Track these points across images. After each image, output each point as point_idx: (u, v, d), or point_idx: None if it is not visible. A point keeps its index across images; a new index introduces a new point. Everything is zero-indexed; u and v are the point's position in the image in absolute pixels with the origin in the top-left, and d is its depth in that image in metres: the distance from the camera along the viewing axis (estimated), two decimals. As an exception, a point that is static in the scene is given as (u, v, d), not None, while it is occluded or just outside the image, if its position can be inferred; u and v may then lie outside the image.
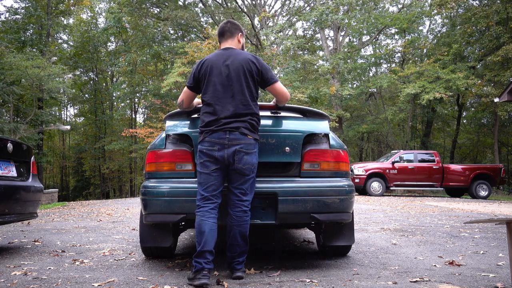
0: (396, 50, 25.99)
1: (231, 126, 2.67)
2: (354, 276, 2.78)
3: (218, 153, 2.66)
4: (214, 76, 2.74)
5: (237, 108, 2.70)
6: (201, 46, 18.49)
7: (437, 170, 13.70)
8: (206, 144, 2.69)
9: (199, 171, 2.70)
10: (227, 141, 2.66)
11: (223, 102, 2.71)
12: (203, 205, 2.66)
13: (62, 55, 26.59)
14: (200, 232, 2.60)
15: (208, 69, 2.77)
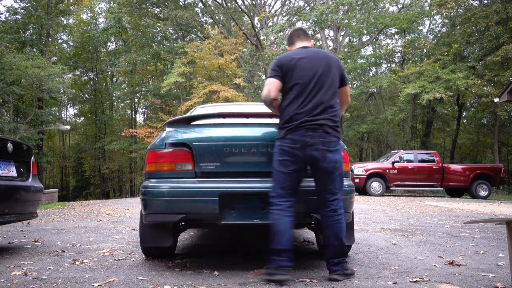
0: (396, 50, 25.99)
1: (314, 124, 2.63)
2: (354, 276, 2.78)
3: (300, 151, 2.63)
4: (300, 72, 2.70)
5: (322, 105, 2.66)
6: (201, 46, 18.50)
7: (437, 170, 13.70)
8: (287, 142, 2.65)
9: (276, 169, 2.69)
10: (310, 138, 2.62)
11: (308, 99, 2.67)
12: (279, 203, 2.66)
13: (62, 55, 26.60)
14: (275, 231, 2.61)
15: (293, 65, 2.72)
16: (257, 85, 22.26)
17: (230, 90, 17.40)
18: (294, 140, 2.63)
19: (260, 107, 4.06)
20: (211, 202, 2.78)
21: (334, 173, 2.67)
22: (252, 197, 2.85)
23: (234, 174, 2.91)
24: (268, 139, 2.92)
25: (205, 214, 2.82)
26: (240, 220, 2.85)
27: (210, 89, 17.36)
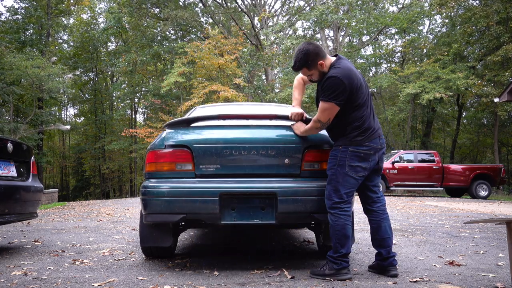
0: (396, 50, 25.99)
1: (380, 132, 2.86)
2: (354, 276, 2.78)
3: (373, 157, 2.80)
4: (364, 87, 2.81)
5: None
6: (201, 46, 18.49)
7: (437, 170, 13.69)
8: (364, 148, 2.76)
9: (345, 174, 2.74)
10: (380, 145, 2.83)
11: (371, 108, 2.88)
12: (346, 208, 2.74)
13: (62, 55, 26.59)
14: (345, 236, 2.71)
15: (358, 80, 2.77)
16: (257, 85, 22.27)
17: (230, 90, 17.40)
18: (371, 147, 2.79)
19: (261, 108, 4.05)
20: (211, 202, 2.78)
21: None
22: (252, 197, 2.85)
23: (234, 175, 2.92)
24: (268, 141, 2.93)
25: (205, 214, 2.82)
26: (240, 220, 2.85)
27: (210, 89, 17.36)
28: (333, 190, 2.75)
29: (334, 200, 2.73)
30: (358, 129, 2.78)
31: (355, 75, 2.75)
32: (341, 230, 2.70)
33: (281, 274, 2.82)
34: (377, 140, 2.81)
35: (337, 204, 2.73)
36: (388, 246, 2.80)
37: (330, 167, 2.81)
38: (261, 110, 3.88)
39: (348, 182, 2.75)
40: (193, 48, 18.37)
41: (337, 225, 2.71)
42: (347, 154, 2.76)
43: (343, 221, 2.71)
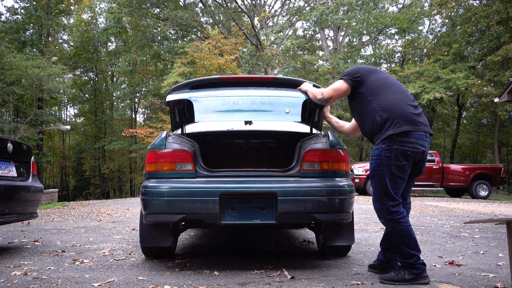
0: (396, 50, 25.98)
1: (428, 130, 2.67)
2: (354, 276, 2.78)
3: (419, 155, 2.62)
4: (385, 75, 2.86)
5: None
6: (201, 46, 18.48)
7: (437, 170, 13.69)
8: (410, 145, 2.58)
9: (395, 175, 2.58)
10: (427, 144, 2.66)
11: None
12: (402, 211, 2.61)
13: (62, 55, 26.58)
14: (413, 239, 2.58)
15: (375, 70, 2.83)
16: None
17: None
18: (418, 144, 2.60)
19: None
20: (211, 202, 2.78)
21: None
22: (252, 197, 2.85)
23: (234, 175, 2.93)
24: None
25: (205, 214, 2.82)
26: (240, 220, 2.85)
27: (210, 89, 17.32)
28: (383, 193, 2.60)
29: (389, 204, 2.59)
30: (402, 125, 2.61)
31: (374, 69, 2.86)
32: (407, 233, 2.57)
33: (281, 274, 2.82)
34: (423, 137, 2.63)
35: (393, 207, 2.59)
36: (395, 253, 2.77)
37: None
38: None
39: (397, 183, 2.61)
40: (193, 48, 18.37)
41: (400, 229, 2.57)
42: (389, 153, 2.58)
43: (404, 224, 2.58)
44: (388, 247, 2.82)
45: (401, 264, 2.63)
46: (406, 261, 2.58)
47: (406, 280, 2.55)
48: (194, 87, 3.20)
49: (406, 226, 2.58)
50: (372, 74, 2.80)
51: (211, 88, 3.18)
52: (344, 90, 2.81)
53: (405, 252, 2.58)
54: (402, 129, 2.56)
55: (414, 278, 2.55)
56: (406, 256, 2.58)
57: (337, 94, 2.84)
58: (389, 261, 2.82)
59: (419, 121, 2.63)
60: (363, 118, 2.77)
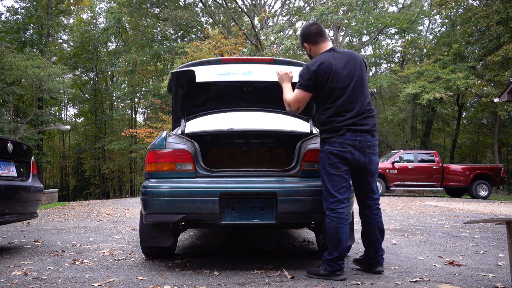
0: (396, 50, 25.97)
1: (361, 129, 2.69)
2: (354, 276, 2.78)
3: (350, 155, 2.67)
4: (339, 80, 2.69)
5: (363, 109, 2.72)
6: (201, 46, 18.48)
7: (437, 170, 13.69)
8: (337, 146, 2.67)
9: (328, 173, 2.68)
10: (358, 143, 2.69)
11: (352, 104, 2.70)
12: (338, 209, 2.67)
13: (62, 55, 26.59)
14: (338, 240, 2.65)
15: (331, 73, 2.69)
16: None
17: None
18: (344, 144, 2.68)
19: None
20: (211, 202, 2.78)
21: (376, 174, 2.87)
22: (252, 197, 2.85)
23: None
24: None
25: (205, 214, 2.82)
26: (240, 220, 2.85)
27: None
28: (328, 190, 2.71)
29: (328, 200, 2.71)
30: (327, 125, 2.73)
31: (324, 64, 2.69)
32: (331, 231, 2.67)
33: (281, 274, 2.82)
34: (351, 136, 2.68)
35: (329, 204, 2.69)
36: (375, 247, 2.84)
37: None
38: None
39: (333, 180, 2.69)
40: (193, 48, 18.36)
41: (330, 226, 2.67)
42: (324, 146, 2.74)
43: (334, 223, 2.66)
44: (368, 244, 2.87)
45: (322, 258, 2.74)
46: (325, 257, 2.71)
47: (320, 275, 2.70)
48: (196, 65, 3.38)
49: (337, 227, 2.65)
50: None
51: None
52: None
53: (329, 249, 2.70)
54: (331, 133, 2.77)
55: (327, 274, 2.67)
56: (328, 252, 2.70)
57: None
58: (375, 257, 2.85)
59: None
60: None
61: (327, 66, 2.69)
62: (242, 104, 3.96)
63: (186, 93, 3.62)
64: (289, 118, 3.94)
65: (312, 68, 2.70)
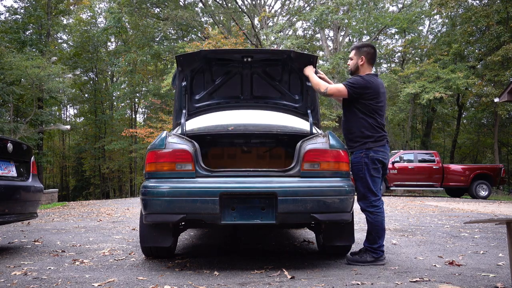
0: (396, 50, 25.95)
1: (388, 140, 3.35)
2: (354, 276, 2.78)
3: (386, 161, 3.27)
4: (382, 101, 3.27)
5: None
6: (201, 46, 18.48)
7: (437, 170, 13.69)
8: (381, 154, 3.21)
9: (372, 175, 3.16)
10: (388, 151, 3.33)
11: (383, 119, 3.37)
12: (381, 205, 3.19)
13: (62, 55, 26.56)
14: (383, 230, 3.16)
15: (378, 94, 3.23)
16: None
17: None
18: (385, 152, 3.26)
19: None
20: (211, 202, 2.78)
21: None
22: (252, 197, 2.85)
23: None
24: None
25: (205, 214, 2.82)
26: (240, 220, 2.85)
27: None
28: (367, 191, 3.17)
29: (369, 199, 3.15)
30: (370, 136, 3.22)
31: (376, 86, 3.21)
32: (378, 224, 3.12)
33: (281, 274, 2.82)
34: (387, 146, 3.29)
35: (373, 202, 3.15)
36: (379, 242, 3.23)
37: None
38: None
39: (376, 182, 3.19)
40: (193, 48, 18.36)
41: (376, 220, 3.12)
42: (369, 153, 3.18)
43: (380, 216, 3.14)
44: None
45: (366, 248, 3.16)
46: (371, 246, 3.14)
47: (368, 261, 3.11)
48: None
49: (382, 219, 3.17)
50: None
51: None
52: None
53: (374, 239, 3.13)
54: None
55: (375, 260, 3.12)
56: (372, 242, 3.13)
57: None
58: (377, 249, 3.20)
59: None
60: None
61: (376, 86, 3.21)
62: (243, 99, 3.96)
63: (189, 85, 3.66)
64: (290, 117, 3.95)
65: (366, 83, 3.20)
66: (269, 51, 4.22)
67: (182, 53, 3.48)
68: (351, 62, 3.34)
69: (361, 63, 3.29)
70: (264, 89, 3.92)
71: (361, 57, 3.28)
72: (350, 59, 3.35)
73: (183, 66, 3.50)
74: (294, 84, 3.86)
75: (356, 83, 3.18)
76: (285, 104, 3.97)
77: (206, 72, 3.76)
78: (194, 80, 3.76)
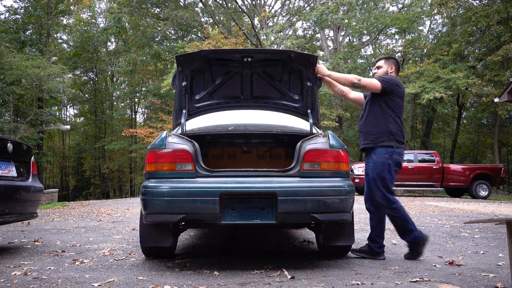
0: (396, 50, 25.94)
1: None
2: (354, 276, 2.78)
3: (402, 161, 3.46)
4: (403, 102, 3.47)
5: None
6: (201, 46, 18.48)
7: (437, 170, 13.68)
8: (401, 156, 3.39)
9: (392, 176, 3.39)
10: (404, 152, 3.50)
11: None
12: (399, 201, 3.47)
13: (62, 55, 26.55)
14: (408, 221, 3.41)
15: (403, 94, 3.50)
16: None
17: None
18: (402, 155, 3.45)
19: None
20: (211, 202, 2.78)
21: None
22: (252, 197, 2.85)
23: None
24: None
25: (205, 214, 2.82)
26: (240, 220, 2.85)
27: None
28: (386, 190, 3.36)
29: (390, 198, 3.38)
30: (394, 138, 3.37)
31: (404, 89, 3.49)
32: (402, 217, 3.43)
33: (281, 274, 2.82)
34: (403, 148, 3.47)
35: (393, 198, 3.39)
36: (383, 237, 3.44)
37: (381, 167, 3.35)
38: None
39: (393, 182, 3.43)
40: (193, 48, 18.35)
41: (401, 213, 3.42)
42: (393, 155, 3.33)
43: (404, 210, 3.46)
44: (379, 233, 3.39)
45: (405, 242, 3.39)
46: (405, 238, 3.38)
47: (370, 255, 3.32)
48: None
49: (406, 212, 3.46)
50: None
51: None
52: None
53: (403, 231, 3.39)
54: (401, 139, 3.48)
55: (378, 254, 3.34)
56: (404, 234, 3.37)
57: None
58: (382, 246, 3.40)
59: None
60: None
61: (404, 89, 3.53)
62: (243, 99, 3.97)
63: (189, 85, 3.67)
64: (290, 117, 3.95)
65: (399, 82, 3.45)
66: (269, 51, 4.24)
67: (182, 53, 3.48)
68: (380, 70, 3.56)
69: (391, 71, 3.55)
70: (264, 89, 3.92)
71: (391, 65, 3.55)
72: (377, 68, 3.59)
73: (183, 66, 3.51)
74: (294, 84, 3.86)
75: (390, 79, 3.39)
76: (285, 104, 3.97)
77: (206, 72, 3.76)
78: (194, 80, 3.76)
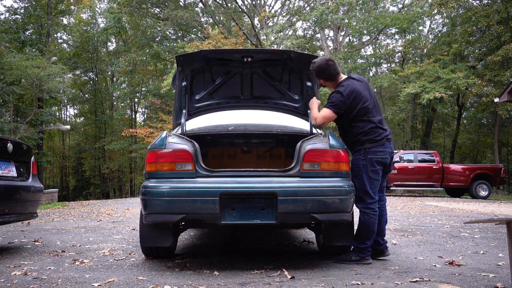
0: (396, 50, 25.95)
1: (390, 138, 3.28)
2: (354, 276, 2.78)
3: (387, 160, 3.23)
4: (367, 101, 3.20)
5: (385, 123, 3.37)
6: (201, 46, 18.48)
7: (437, 170, 13.68)
8: (380, 154, 3.17)
9: (370, 178, 3.14)
10: (390, 150, 3.26)
11: (382, 119, 3.32)
12: (376, 208, 3.19)
13: (62, 55, 26.56)
14: (373, 232, 3.17)
15: (361, 98, 3.20)
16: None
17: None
18: (385, 152, 3.21)
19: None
20: (211, 202, 2.78)
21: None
22: (252, 197, 2.85)
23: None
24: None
25: (205, 214, 2.82)
26: (240, 220, 2.85)
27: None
28: (367, 192, 3.15)
29: (366, 201, 3.15)
30: (367, 137, 3.18)
31: (354, 89, 3.16)
32: (366, 224, 3.13)
33: (281, 274, 2.82)
34: (388, 145, 3.23)
35: (368, 204, 3.15)
36: (383, 235, 3.35)
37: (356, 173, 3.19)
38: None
39: (373, 184, 3.16)
40: (193, 48, 18.36)
41: (367, 220, 3.13)
42: (368, 155, 3.15)
43: (372, 218, 3.14)
44: (378, 232, 3.29)
45: (354, 247, 3.19)
46: (358, 246, 3.16)
47: (352, 261, 3.14)
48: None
49: (373, 221, 3.16)
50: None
51: None
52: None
53: (362, 239, 3.15)
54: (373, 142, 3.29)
55: (360, 259, 3.14)
56: (359, 242, 3.16)
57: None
58: (383, 243, 3.33)
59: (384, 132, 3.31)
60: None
61: (353, 90, 3.16)
62: (243, 99, 3.97)
63: (189, 85, 3.67)
64: (290, 117, 3.95)
65: (344, 96, 3.15)
66: (269, 51, 4.24)
67: (182, 53, 3.48)
68: (326, 88, 3.46)
69: (325, 84, 3.37)
70: (264, 89, 3.92)
71: (319, 80, 3.36)
72: (323, 86, 3.47)
73: (183, 66, 3.51)
74: (294, 84, 3.86)
75: (336, 102, 3.17)
76: (285, 104, 3.97)
77: (206, 72, 3.76)
78: (194, 80, 3.76)
